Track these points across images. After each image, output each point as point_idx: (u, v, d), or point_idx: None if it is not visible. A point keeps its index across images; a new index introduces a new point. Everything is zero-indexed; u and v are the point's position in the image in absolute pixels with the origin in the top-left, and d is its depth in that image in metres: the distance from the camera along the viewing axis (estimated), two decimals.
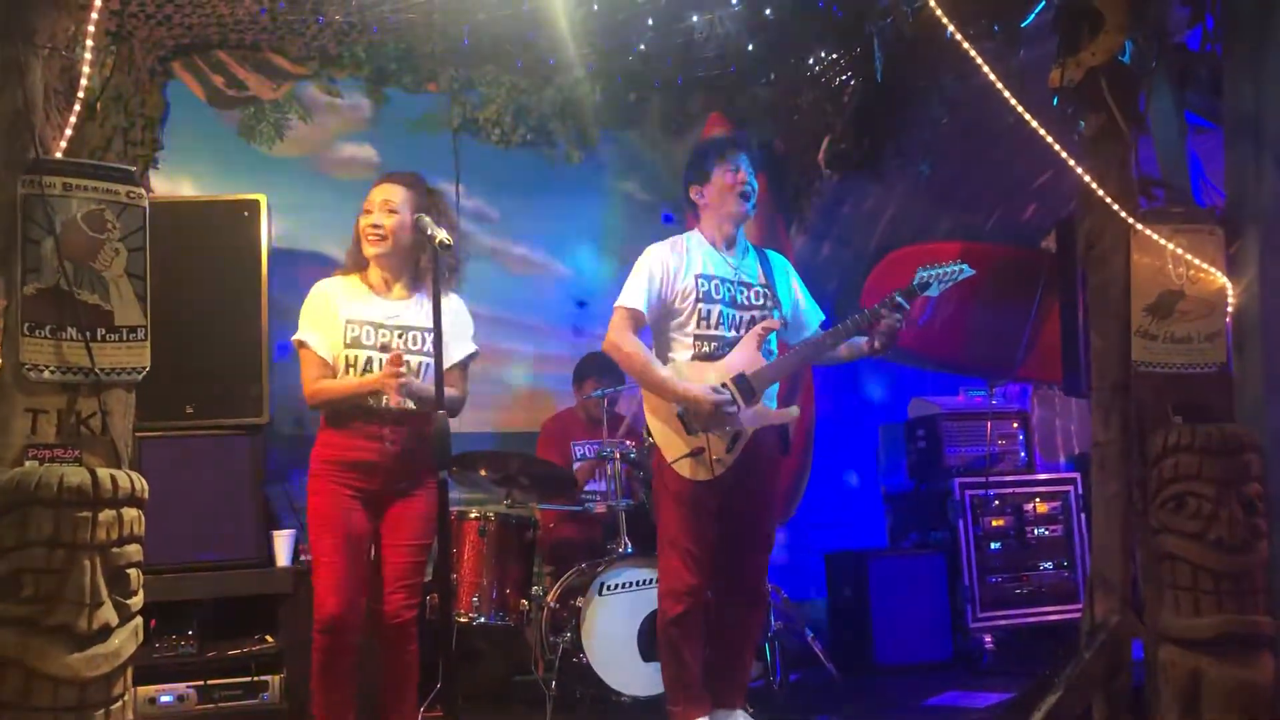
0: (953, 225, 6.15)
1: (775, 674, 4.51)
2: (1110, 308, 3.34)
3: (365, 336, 3.39)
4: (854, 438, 6.26)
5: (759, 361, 3.56)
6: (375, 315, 3.42)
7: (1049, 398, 6.48)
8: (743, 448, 3.51)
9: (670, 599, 3.49)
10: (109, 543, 2.17)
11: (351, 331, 3.39)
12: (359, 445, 3.34)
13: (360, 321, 3.40)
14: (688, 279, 3.57)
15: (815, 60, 5.28)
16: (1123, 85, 3.31)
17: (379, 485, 3.37)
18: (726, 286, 3.61)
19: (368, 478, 3.36)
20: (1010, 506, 5.37)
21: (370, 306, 3.44)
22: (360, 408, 3.35)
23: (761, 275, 3.70)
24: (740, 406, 3.49)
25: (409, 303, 3.48)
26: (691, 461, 3.48)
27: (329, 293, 3.46)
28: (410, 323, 3.44)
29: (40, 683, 2.05)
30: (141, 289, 2.41)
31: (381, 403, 3.33)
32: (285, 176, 5.08)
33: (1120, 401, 3.30)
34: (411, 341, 3.42)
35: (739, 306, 3.61)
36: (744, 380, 3.52)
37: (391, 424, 3.35)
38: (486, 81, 5.39)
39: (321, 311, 3.42)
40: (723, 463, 3.48)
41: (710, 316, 3.57)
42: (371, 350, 3.38)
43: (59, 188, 2.32)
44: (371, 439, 3.34)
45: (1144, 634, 3.19)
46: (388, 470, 3.37)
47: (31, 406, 2.25)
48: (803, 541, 5.94)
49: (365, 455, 3.34)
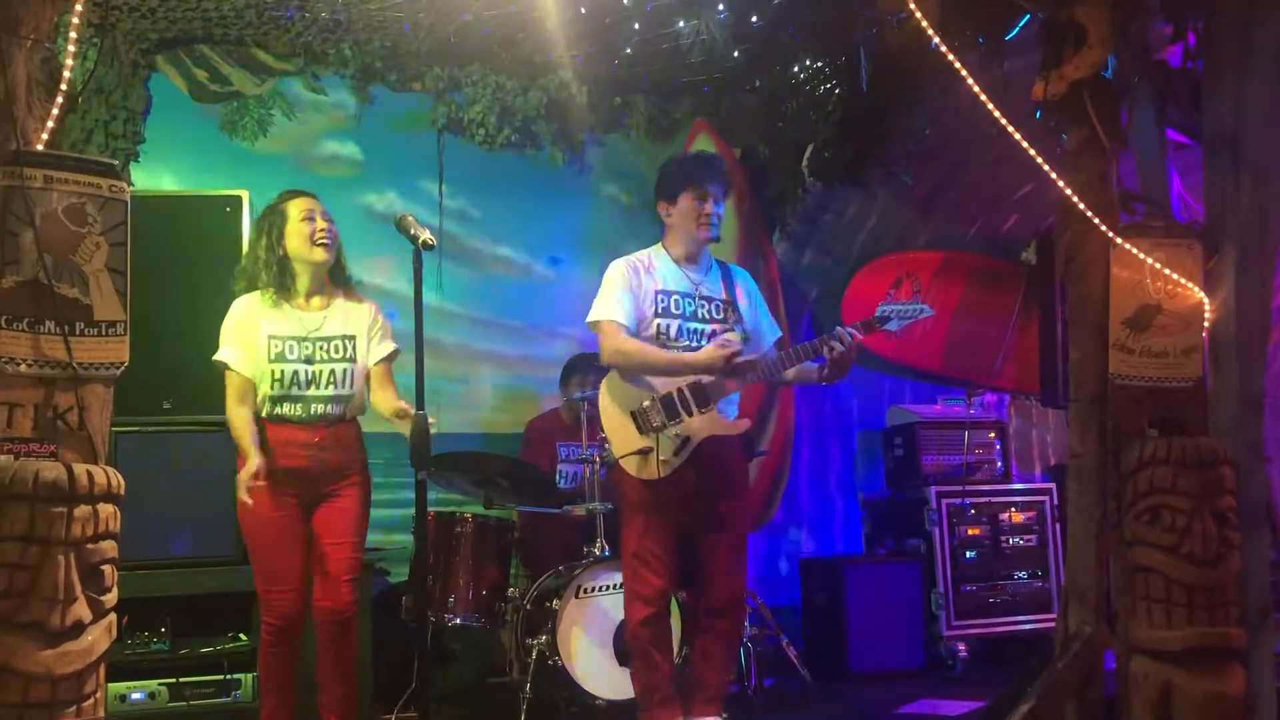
0: (934, 235, 6.19)
1: (750, 680, 4.52)
2: (1089, 320, 3.36)
3: (289, 351, 3.49)
4: (832, 445, 6.28)
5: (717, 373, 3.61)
6: (297, 329, 3.52)
7: (1026, 408, 6.52)
8: (693, 452, 3.57)
9: (638, 602, 3.55)
10: (84, 539, 2.15)
11: (275, 347, 3.49)
12: (290, 453, 3.46)
13: (283, 337, 3.50)
14: (648, 295, 3.64)
15: (800, 69, 5.30)
16: (1105, 99, 3.33)
17: (308, 489, 3.50)
18: (686, 301, 3.68)
19: (297, 483, 3.47)
20: (986, 516, 5.40)
21: (290, 322, 3.53)
22: (287, 417, 3.47)
23: (723, 290, 3.76)
24: (693, 411, 3.57)
25: (324, 314, 3.58)
26: (638, 459, 3.56)
27: (249, 309, 3.54)
28: (330, 333, 3.56)
29: (11, 679, 2.03)
30: (121, 284, 2.39)
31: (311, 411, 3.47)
32: (268, 173, 5.05)
33: (1097, 413, 3.32)
34: (335, 350, 3.54)
35: (699, 320, 3.68)
36: (700, 387, 3.59)
37: (322, 429, 3.49)
38: (472, 82, 5.38)
39: (244, 329, 3.52)
40: (669, 464, 3.55)
41: (669, 330, 3.64)
42: (297, 364, 3.48)
43: (40, 180, 2.30)
44: (301, 446, 3.46)
45: (1116, 645, 3.21)
46: (316, 475, 3.49)
47: (7, 400, 2.23)
48: (779, 548, 5.96)
49: (296, 462, 3.46)
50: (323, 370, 3.50)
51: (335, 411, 3.52)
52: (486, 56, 5.26)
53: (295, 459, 3.46)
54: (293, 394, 3.48)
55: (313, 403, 3.49)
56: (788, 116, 5.47)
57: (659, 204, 3.75)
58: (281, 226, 3.54)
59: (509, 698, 4.18)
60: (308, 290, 3.59)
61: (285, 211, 3.56)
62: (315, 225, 3.53)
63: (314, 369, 3.50)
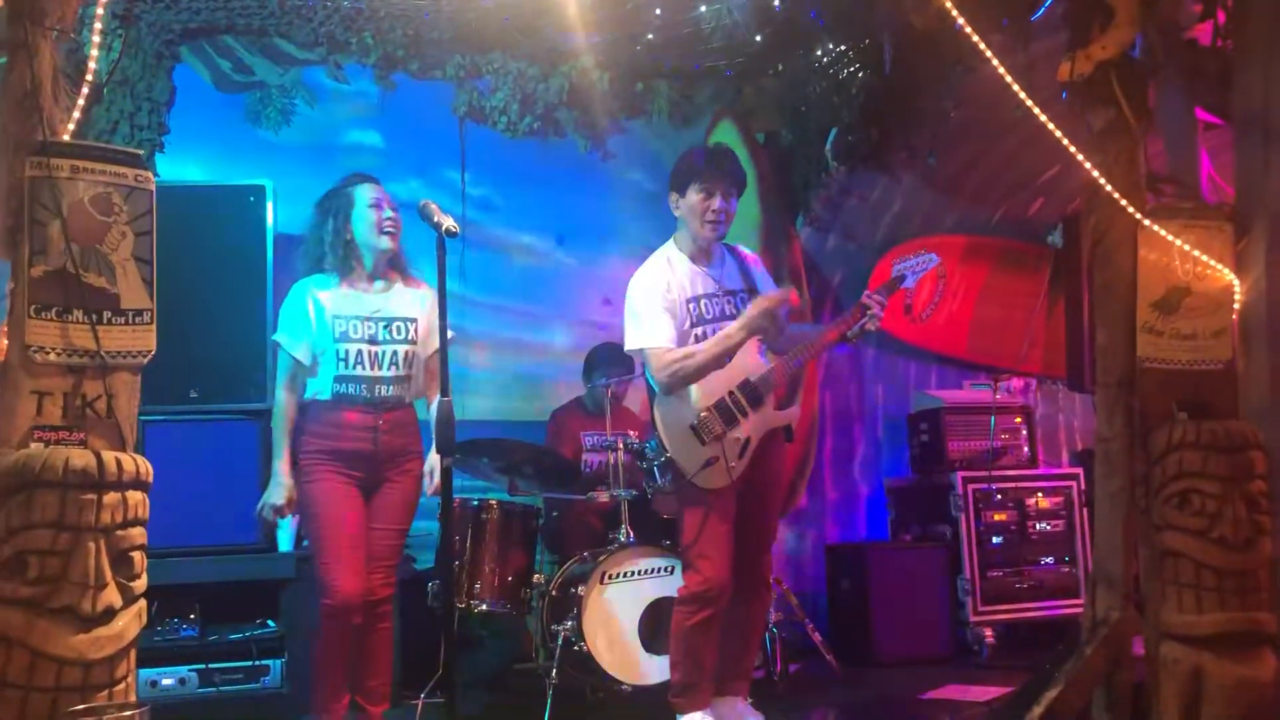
0: (959, 219, 6.14)
1: (775, 665, 4.51)
2: (1116, 303, 3.33)
3: (353, 330, 3.53)
4: (856, 431, 6.26)
5: (761, 366, 3.63)
6: (361, 310, 3.57)
7: (1053, 393, 6.47)
8: (753, 450, 3.57)
9: (698, 603, 3.51)
10: (113, 525, 2.17)
11: (339, 327, 3.52)
12: (353, 435, 3.49)
13: (347, 317, 3.54)
14: (679, 306, 3.61)
15: (823, 52, 5.26)
16: (1132, 80, 3.29)
17: (370, 472, 3.53)
18: (714, 302, 3.66)
19: (360, 465, 3.50)
20: (1012, 501, 5.37)
21: (354, 302, 3.58)
22: (353, 397, 3.50)
23: (742, 279, 3.73)
24: (749, 411, 3.57)
25: (387, 296, 3.64)
26: (708, 471, 3.53)
27: (312, 291, 3.58)
28: (394, 314, 3.60)
29: (44, 663, 2.06)
30: (147, 272, 2.41)
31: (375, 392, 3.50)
32: (291, 162, 5.07)
33: (1125, 397, 3.29)
34: (396, 332, 3.58)
35: (728, 317, 3.64)
36: (750, 385, 3.60)
37: (385, 413, 3.52)
38: (493, 69, 5.37)
39: (306, 310, 3.56)
40: (736, 469, 3.55)
41: (704, 336, 3.61)
42: (361, 343, 3.52)
43: (66, 170, 2.32)
44: (365, 429, 3.49)
45: (1145, 630, 3.19)
46: (378, 458, 3.52)
47: (37, 389, 2.25)
48: (804, 533, 5.95)
49: (360, 444, 3.49)
50: (386, 351, 3.54)
51: (397, 393, 3.56)
52: (508, 43, 5.25)
53: (359, 441, 3.49)
54: (357, 374, 3.51)
55: (376, 384, 3.52)
56: (811, 100, 5.44)
57: (670, 194, 3.71)
58: (348, 211, 3.59)
59: (535, 683, 4.20)
60: (371, 273, 3.63)
61: (351, 196, 3.61)
62: (382, 213, 3.59)
63: (378, 349, 3.54)
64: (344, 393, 3.50)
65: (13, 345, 2.26)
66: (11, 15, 2.36)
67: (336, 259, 3.59)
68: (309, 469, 3.50)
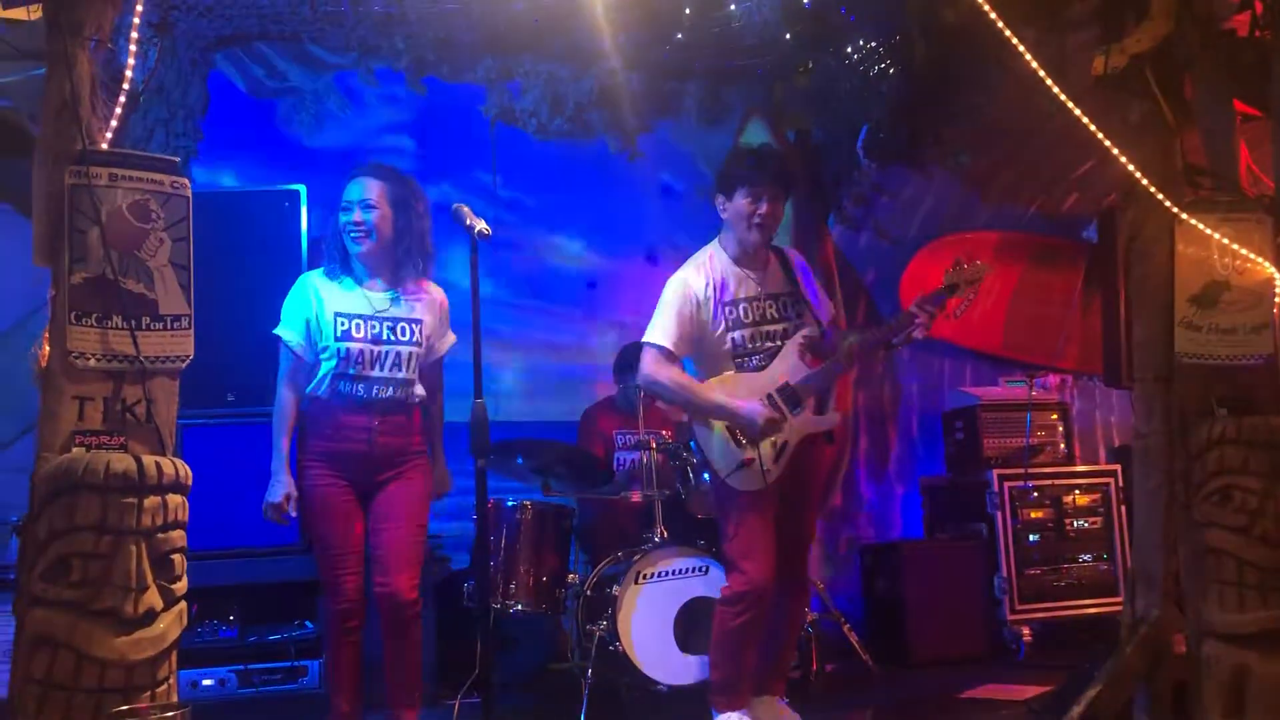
0: (992, 215, 6.10)
1: (811, 665, 4.50)
2: (1153, 298, 3.30)
3: (355, 329, 3.43)
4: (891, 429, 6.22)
5: (801, 370, 3.61)
6: (364, 308, 3.47)
7: (1089, 389, 6.41)
8: (790, 453, 3.57)
9: (742, 604, 3.51)
10: (154, 528, 2.20)
11: (341, 325, 3.42)
12: (349, 435, 3.41)
13: (350, 314, 3.44)
14: (716, 309, 3.60)
15: (854, 49, 5.23)
16: (1168, 73, 3.26)
17: (367, 473, 3.45)
18: (754, 305, 3.64)
19: (357, 466, 3.43)
20: (1049, 498, 5.33)
21: (357, 300, 3.47)
22: (351, 396, 3.41)
23: (785, 283, 3.71)
24: (787, 416, 3.55)
25: (391, 295, 3.52)
26: (743, 473, 3.53)
27: (315, 285, 3.50)
28: (399, 315, 3.50)
29: (88, 665, 2.10)
30: (185, 278, 2.44)
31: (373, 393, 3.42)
32: (325, 167, 5.11)
33: (1163, 393, 3.26)
34: (401, 333, 3.48)
35: (770, 321, 3.64)
36: (789, 390, 3.59)
37: (383, 414, 3.43)
38: (524, 71, 5.38)
39: (307, 305, 3.47)
40: (772, 473, 3.54)
41: (743, 340, 3.61)
42: (363, 343, 3.42)
43: (105, 178, 2.36)
44: (362, 430, 3.41)
45: (1187, 629, 3.16)
46: (374, 459, 3.44)
47: (78, 393, 2.29)
48: (838, 533, 5.92)
49: (355, 446, 3.41)
50: (389, 352, 3.45)
51: (398, 395, 3.46)
52: (538, 45, 5.25)
53: (354, 443, 3.41)
54: (357, 374, 3.41)
55: (375, 384, 3.43)
56: (841, 98, 5.41)
57: (717, 196, 3.68)
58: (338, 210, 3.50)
59: (570, 683, 4.21)
60: (368, 272, 3.52)
61: (343, 192, 3.50)
62: (350, 217, 3.46)
63: (380, 349, 3.44)
64: (342, 392, 3.41)
65: (54, 351, 2.30)
66: (49, 27, 2.40)
67: (337, 256, 3.51)
68: (306, 469, 3.44)
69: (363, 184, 3.49)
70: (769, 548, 3.52)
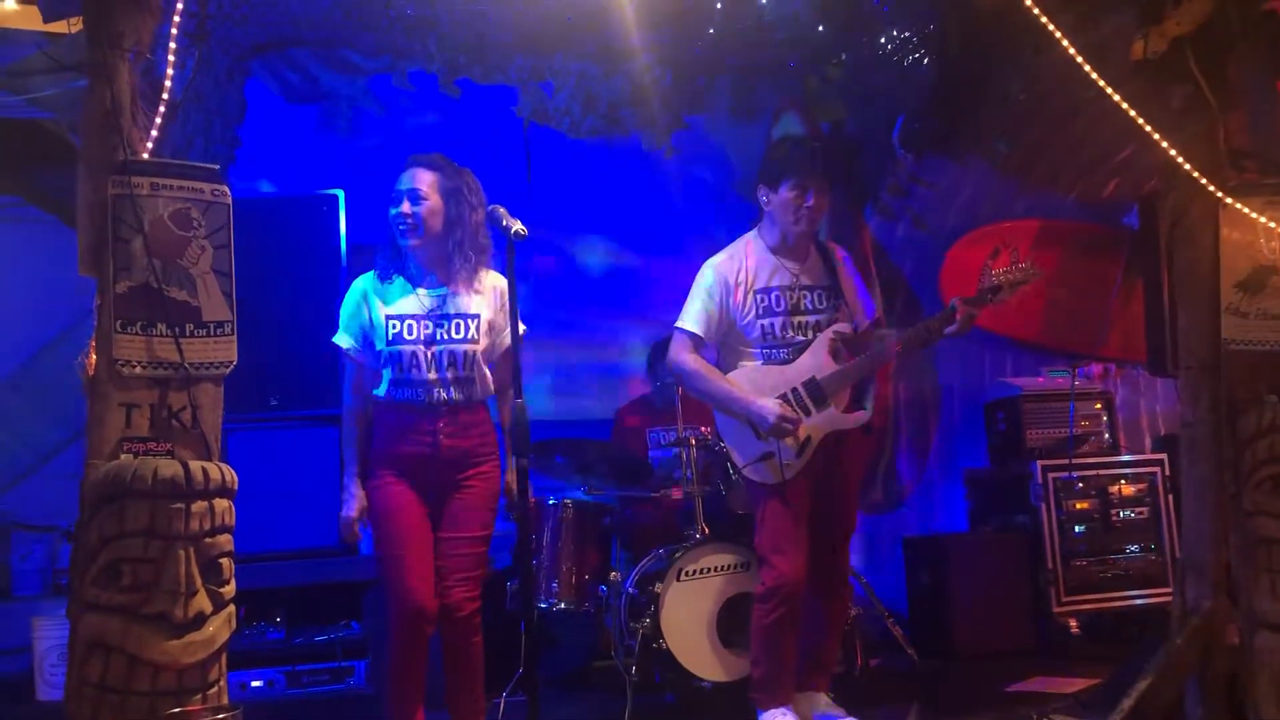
0: (1031, 203, 6.03)
1: (855, 660, 4.48)
2: (1198, 285, 3.25)
3: (407, 331, 3.32)
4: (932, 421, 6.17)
5: (830, 365, 3.58)
6: (415, 309, 3.35)
7: (1132, 378, 6.32)
8: (815, 449, 3.54)
9: (774, 599, 3.51)
10: (202, 533, 2.23)
11: (393, 328, 3.32)
12: (412, 439, 3.30)
13: (401, 316, 3.34)
14: (747, 297, 3.59)
15: (887, 39, 5.19)
16: (1210, 55, 3.21)
17: (435, 477, 3.33)
18: (787, 294, 3.61)
19: (423, 470, 3.31)
20: (1094, 489, 5.26)
21: (409, 300, 3.36)
22: (410, 401, 3.30)
23: (823, 276, 3.68)
24: (811, 411, 3.52)
25: (445, 292, 3.38)
26: (762, 466, 3.54)
27: (366, 289, 3.41)
28: (453, 312, 3.35)
29: (141, 668, 2.14)
30: (227, 285, 2.47)
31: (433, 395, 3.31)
32: (361, 171, 5.14)
33: (1210, 381, 3.22)
34: (455, 330, 3.34)
35: (802, 312, 3.62)
36: (816, 384, 3.56)
37: (445, 415, 3.31)
38: (555, 71, 5.38)
39: (360, 310, 3.39)
40: (791, 467, 3.52)
41: (774, 329, 3.59)
42: (415, 345, 3.31)
43: (146, 188, 2.39)
44: (424, 433, 3.30)
45: (1239, 619, 3.11)
46: (441, 462, 3.32)
47: (125, 401, 2.32)
48: (880, 527, 5.89)
49: (418, 449, 3.30)
50: (444, 353, 3.30)
51: (458, 395, 3.32)
52: (569, 44, 5.25)
53: (419, 446, 3.29)
54: (411, 377, 3.29)
55: (433, 387, 3.30)
56: (876, 89, 5.37)
57: (760, 188, 3.66)
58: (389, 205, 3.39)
59: (614, 681, 4.22)
60: (420, 268, 3.40)
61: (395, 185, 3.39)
62: (399, 209, 3.35)
63: (435, 351, 3.30)
64: (402, 397, 3.30)
65: (101, 360, 2.34)
66: (90, 39, 2.43)
67: (389, 254, 3.40)
68: (373, 474, 3.35)
69: (412, 174, 3.39)
70: (799, 542, 3.51)
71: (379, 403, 3.36)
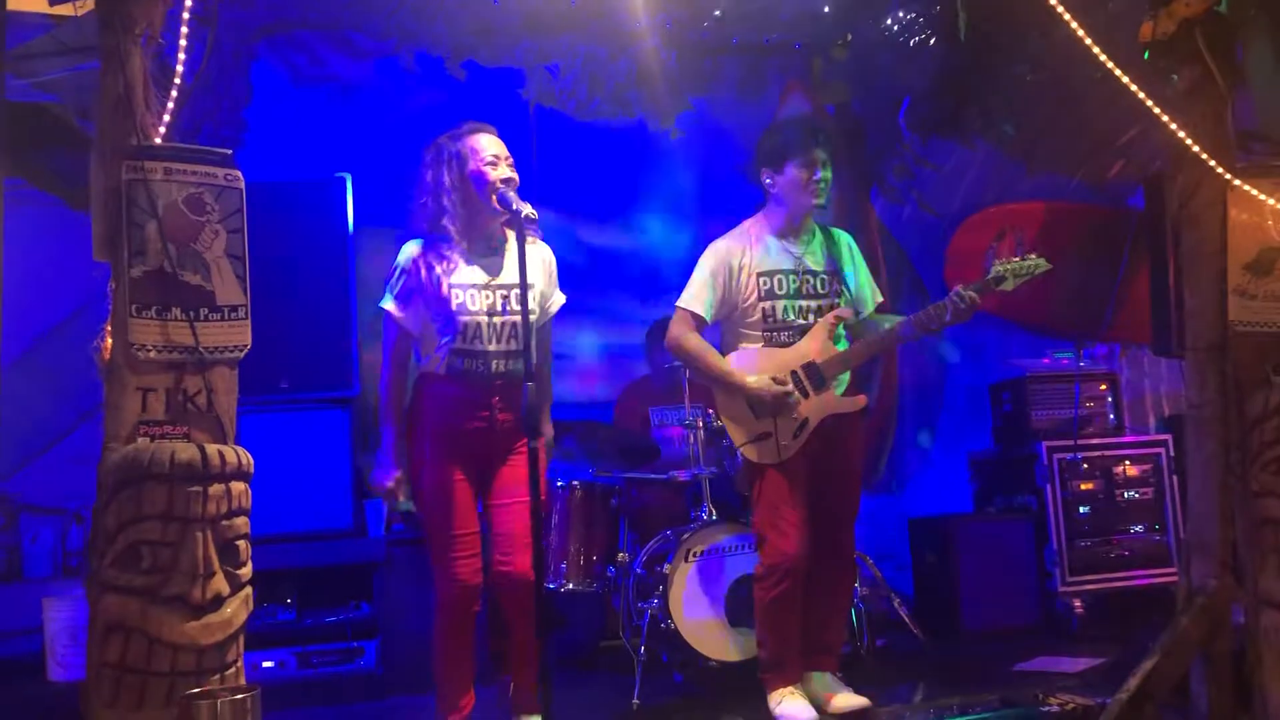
0: (1036, 185, 6.02)
1: (862, 640, 4.51)
2: (1205, 266, 3.26)
3: (470, 301, 3.25)
4: (937, 402, 6.20)
5: (830, 350, 3.61)
6: (478, 278, 3.28)
7: (1137, 359, 6.33)
8: (812, 433, 3.57)
9: (774, 576, 3.55)
10: (219, 516, 2.25)
11: (457, 297, 3.23)
12: (469, 414, 3.25)
13: (465, 286, 3.25)
14: (750, 279, 3.60)
15: (893, 20, 5.18)
16: (1219, 36, 3.21)
17: (487, 451, 3.30)
18: (790, 278, 3.63)
19: (477, 445, 3.27)
20: (1099, 470, 5.28)
21: (471, 269, 3.29)
22: (467, 373, 3.24)
23: (827, 260, 3.69)
24: (810, 393, 3.55)
25: (503, 260, 3.33)
26: (757, 446, 3.56)
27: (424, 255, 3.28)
28: (511, 280, 3.26)
29: (161, 649, 2.16)
30: (240, 269, 2.49)
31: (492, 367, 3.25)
32: (368, 154, 5.14)
33: (1216, 362, 3.23)
34: (515, 301, 3.22)
35: (805, 296, 3.63)
36: (814, 368, 3.58)
37: (501, 390, 3.27)
38: (562, 53, 5.38)
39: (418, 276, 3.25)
40: (789, 448, 3.55)
41: (775, 311, 3.61)
42: (480, 316, 3.24)
43: (160, 173, 2.40)
44: (482, 406, 3.25)
45: (1244, 599, 3.13)
46: (495, 435, 3.28)
47: (142, 385, 2.34)
48: (886, 508, 5.91)
49: (475, 424, 3.25)
50: (506, 324, 3.25)
51: (516, 368, 3.24)
52: (575, 26, 5.24)
53: (476, 420, 3.24)
54: (475, 349, 3.23)
55: (494, 359, 3.24)
56: (881, 70, 5.36)
57: (761, 171, 3.67)
58: (463, 166, 3.29)
59: (622, 660, 4.25)
60: (487, 235, 3.33)
61: (468, 147, 3.31)
62: (500, 172, 3.24)
63: (496, 321, 3.24)
64: (461, 369, 3.23)
65: (117, 344, 2.35)
66: (102, 24, 2.44)
67: (456, 218, 3.25)
68: (418, 450, 3.28)
69: (497, 140, 3.35)
70: (797, 521, 3.54)
71: (434, 377, 3.28)
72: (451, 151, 3.32)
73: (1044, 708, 3.49)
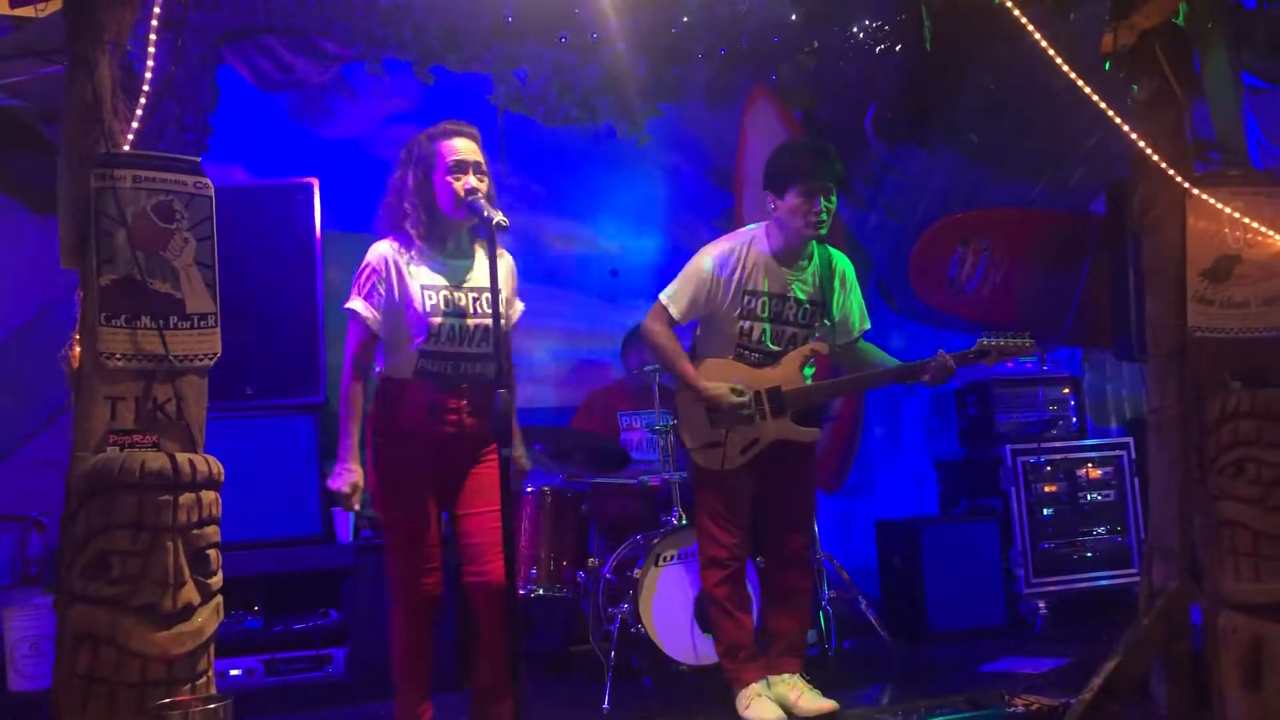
0: (1001, 191, 6.09)
1: (829, 642, 4.54)
2: (1165, 273, 3.32)
3: (443, 303, 3.15)
4: (904, 407, 6.25)
5: (799, 380, 3.65)
6: (449, 279, 3.19)
7: (1099, 362, 6.42)
8: (760, 452, 3.64)
9: (713, 567, 3.66)
10: (189, 525, 2.25)
11: (429, 299, 3.14)
12: (437, 418, 3.15)
13: (436, 288, 3.16)
14: (735, 293, 3.63)
15: (859, 28, 5.24)
16: (1177, 47, 3.27)
17: (454, 457, 3.21)
18: (774, 302, 3.66)
19: (445, 452, 3.19)
20: (1062, 472, 5.35)
21: (441, 271, 3.19)
22: (433, 374, 3.15)
23: (816, 289, 3.71)
24: (768, 416, 3.61)
25: (472, 262, 3.24)
26: (708, 452, 3.63)
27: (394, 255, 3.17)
28: (481, 284, 3.18)
29: (130, 659, 2.15)
30: (210, 277, 2.48)
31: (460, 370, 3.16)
32: (335, 159, 5.13)
33: (1176, 367, 3.29)
34: (485, 305, 3.17)
35: (784, 322, 3.68)
36: (778, 394, 3.63)
37: (468, 394, 3.17)
38: (530, 58, 5.38)
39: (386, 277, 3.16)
40: (733, 460, 3.62)
41: (753, 332, 3.66)
42: (451, 318, 3.15)
43: (129, 180, 2.39)
44: (450, 411, 3.16)
45: (1203, 600, 3.19)
46: (464, 442, 3.20)
47: (111, 394, 2.33)
48: (853, 511, 5.96)
49: (443, 429, 3.16)
50: (476, 327, 3.16)
51: (484, 372, 3.16)
52: (544, 31, 5.25)
53: (443, 425, 3.15)
54: (447, 351, 3.13)
55: (463, 361, 3.15)
56: (848, 77, 5.42)
57: (766, 194, 3.66)
58: (429, 169, 3.17)
59: (592, 665, 4.26)
60: (453, 238, 3.24)
61: (436, 151, 3.17)
62: (464, 182, 3.10)
63: (469, 323, 3.15)
64: (430, 371, 3.13)
65: (86, 353, 2.34)
66: (70, 31, 2.42)
67: (420, 221, 3.16)
68: (383, 454, 3.17)
69: (471, 146, 3.20)
70: (737, 519, 3.64)
71: (399, 381, 3.18)
72: (421, 154, 3.22)
73: (1010, 708, 3.53)
